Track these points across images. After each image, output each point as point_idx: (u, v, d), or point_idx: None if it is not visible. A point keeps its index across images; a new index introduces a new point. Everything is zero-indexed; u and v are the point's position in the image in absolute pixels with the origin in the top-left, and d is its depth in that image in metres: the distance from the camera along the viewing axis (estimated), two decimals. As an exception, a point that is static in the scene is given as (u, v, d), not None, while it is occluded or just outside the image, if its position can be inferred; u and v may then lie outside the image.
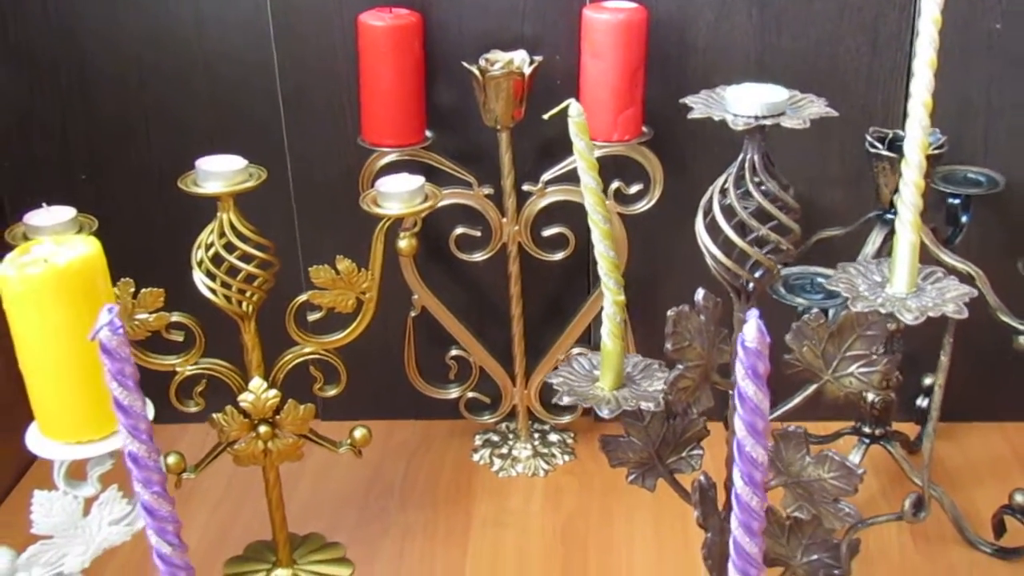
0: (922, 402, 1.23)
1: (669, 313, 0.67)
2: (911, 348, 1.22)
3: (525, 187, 1.13)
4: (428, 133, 1.12)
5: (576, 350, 1.08)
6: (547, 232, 1.15)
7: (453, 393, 1.23)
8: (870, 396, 1.08)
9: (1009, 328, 0.97)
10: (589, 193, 0.71)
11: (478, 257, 1.16)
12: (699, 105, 0.70)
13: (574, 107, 0.68)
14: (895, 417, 1.24)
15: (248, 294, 0.94)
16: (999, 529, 1.06)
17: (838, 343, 0.76)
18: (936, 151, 0.96)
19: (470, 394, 1.23)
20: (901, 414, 1.24)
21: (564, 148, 1.11)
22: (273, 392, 0.98)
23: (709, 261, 0.73)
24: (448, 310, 1.18)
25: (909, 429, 1.23)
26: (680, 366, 0.69)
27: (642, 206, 1.12)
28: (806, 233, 1.07)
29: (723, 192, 0.71)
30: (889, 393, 1.08)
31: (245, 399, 0.97)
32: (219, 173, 0.89)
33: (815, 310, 0.75)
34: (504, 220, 1.14)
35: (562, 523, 1.14)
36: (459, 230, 1.16)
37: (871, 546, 1.09)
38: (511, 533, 1.13)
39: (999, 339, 1.17)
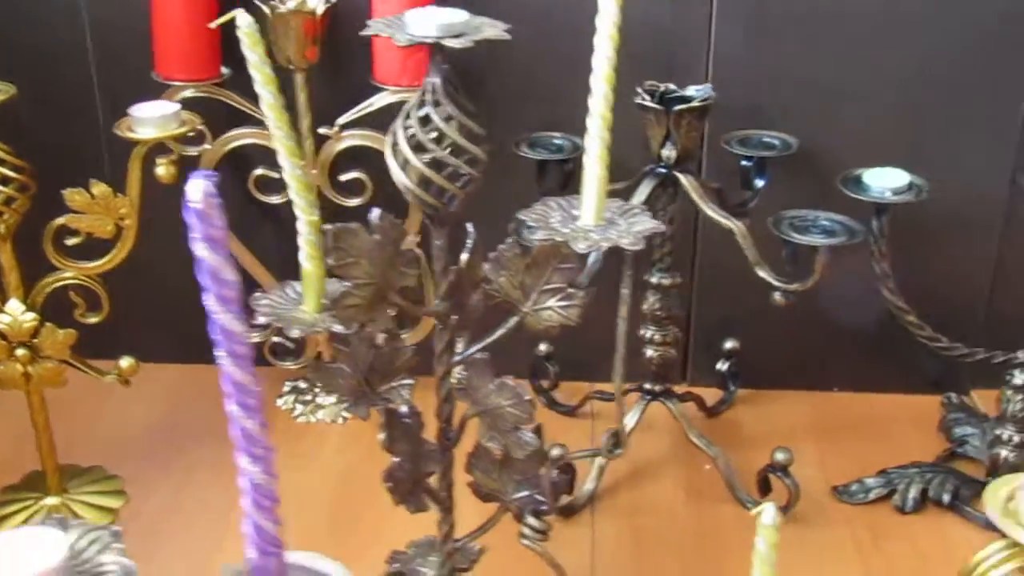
0: (722, 366, 1.24)
1: (327, 227, 0.67)
2: (715, 310, 1.24)
3: (321, 130, 1.13)
4: (224, 70, 1.11)
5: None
6: (345, 177, 1.15)
7: (254, 338, 1.23)
8: (648, 352, 1.09)
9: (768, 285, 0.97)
10: (269, 109, 0.71)
11: (276, 200, 1.16)
12: (379, 26, 0.70)
13: (242, 18, 0.68)
14: (703, 381, 1.26)
15: (3, 216, 0.93)
16: (763, 487, 1.07)
17: (536, 275, 0.76)
18: (702, 102, 0.96)
19: (274, 339, 1.23)
20: (708, 377, 1.26)
21: (366, 92, 1.12)
22: (31, 315, 0.98)
23: (400, 187, 0.73)
24: (251, 252, 1.18)
25: (708, 395, 1.25)
26: (347, 283, 0.69)
27: (437, 154, 1.12)
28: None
29: (406, 117, 0.71)
30: (668, 349, 1.09)
31: (2, 321, 0.97)
32: (-35, 88, 0.89)
33: (510, 240, 0.75)
34: (302, 163, 1.14)
35: (348, 466, 1.14)
36: (258, 171, 1.16)
37: (645, 498, 1.10)
38: (296, 475, 1.13)
39: (823, 311, 1.18)
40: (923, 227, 1.18)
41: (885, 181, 0.96)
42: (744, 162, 1.12)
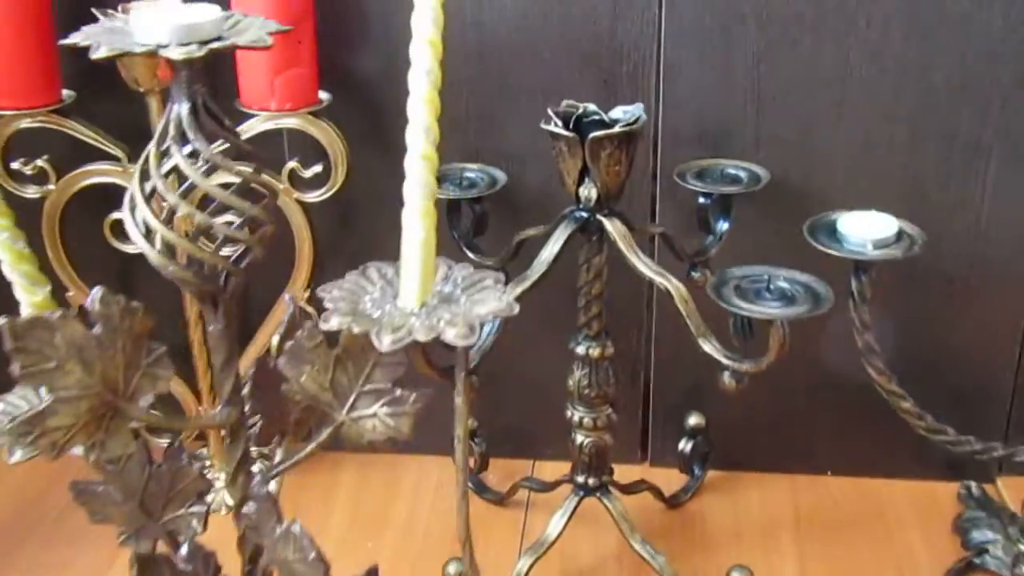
0: (685, 446, 1.01)
1: (1, 321, 0.47)
2: (678, 377, 1.02)
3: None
4: (67, 93, 0.92)
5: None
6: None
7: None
8: (578, 438, 0.87)
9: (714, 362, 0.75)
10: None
11: (132, 248, 0.95)
12: (93, 32, 0.50)
13: None
14: (666, 459, 1.04)
15: None
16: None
17: (351, 372, 0.55)
18: (626, 127, 0.75)
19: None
20: (672, 455, 1.04)
21: (235, 118, 0.92)
22: None
23: (153, 264, 0.53)
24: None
25: (672, 478, 1.03)
26: (48, 397, 0.48)
27: (322, 193, 0.92)
28: (504, 230, 0.86)
29: (144, 165, 0.51)
30: (602, 435, 0.87)
31: None
32: None
33: (309, 324, 0.54)
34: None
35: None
36: (115, 215, 0.96)
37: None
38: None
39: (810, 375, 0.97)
40: (926, 282, 0.96)
41: (867, 229, 0.73)
42: (702, 199, 0.90)
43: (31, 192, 0.93)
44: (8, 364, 0.49)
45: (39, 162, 0.93)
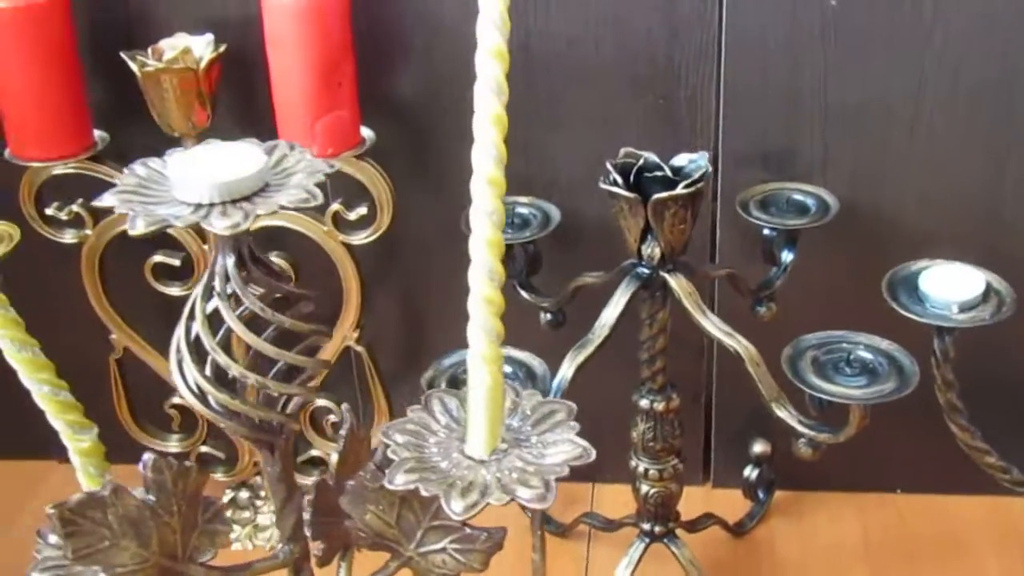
0: (751, 473, 0.98)
1: (50, 511, 0.44)
2: (740, 398, 0.99)
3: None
4: (99, 134, 0.89)
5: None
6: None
7: (174, 447, 1.01)
8: (643, 488, 0.84)
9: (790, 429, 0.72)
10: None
11: (177, 290, 0.93)
12: (131, 202, 0.46)
13: None
14: (730, 480, 1.01)
15: None
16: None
17: (419, 509, 0.53)
18: (691, 187, 0.70)
19: (202, 448, 1.02)
20: (732, 480, 1.01)
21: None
22: None
23: (202, 416, 0.50)
24: (156, 350, 0.96)
25: (735, 501, 1.00)
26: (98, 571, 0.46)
27: (368, 235, 0.88)
28: (569, 278, 0.82)
29: (189, 319, 0.47)
30: (668, 485, 0.84)
31: None
32: None
33: (371, 466, 0.51)
34: (206, 247, 0.91)
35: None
36: (156, 258, 0.93)
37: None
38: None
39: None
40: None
41: (951, 290, 0.69)
42: (766, 232, 0.85)
43: (68, 238, 0.91)
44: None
45: (75, 207, 0.90)
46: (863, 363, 0.67)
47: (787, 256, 0.86)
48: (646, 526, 0.86)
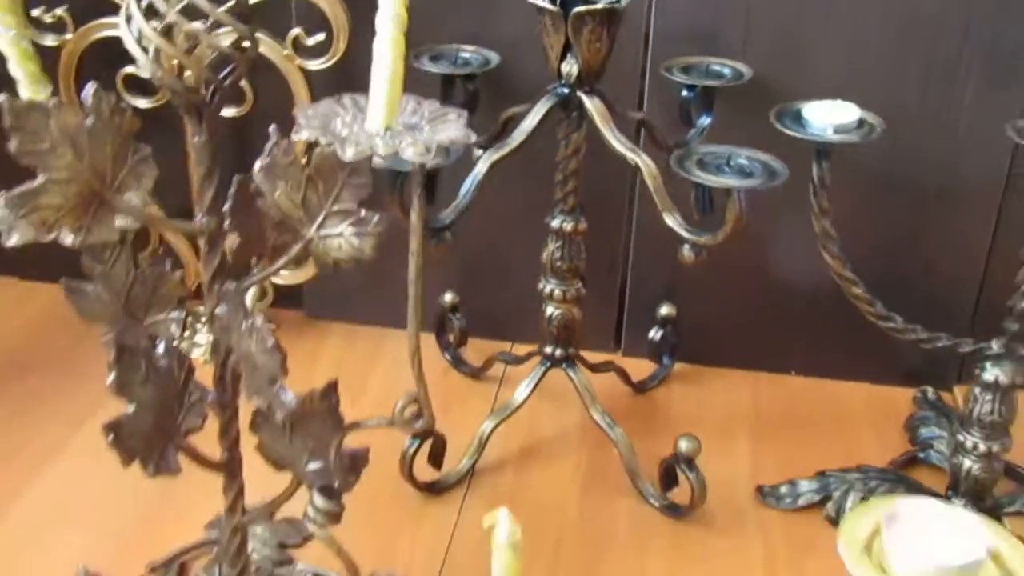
0: (655, 334, 1.06)
1: (2, 100, 0.51)
2: (655, 272, 1.06)
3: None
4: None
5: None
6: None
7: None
8: (548, 309, 0.92)
9: (676, 236, 0.79)
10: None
11: (145, 103, 1.00)
12: None
13: None
14: (639, 351, 1.09)
15: None
16: (665, 480, 0.89)
17: (323, 190, 0.60)
18: (609, 5, 0.78)
19: (150, 265, 1.08)
20: (641, 350, 1.09)
21: None
22: None
23: (152, 78, 0.57)
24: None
25: (642, 369, 1.07)
26: (41, 178, 0.53)
27: (323, 60, 0.96)
28: (496, 111, 0.90)
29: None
30: (571, 308, 0.91)
31: None
32: None
33: (284, 140, 0.59)
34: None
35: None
36: (129, 68, 1.00)
37: (532, 483, 0.93)
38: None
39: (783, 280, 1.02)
40: (903, 190, 0.99)
41: (829, 116, 0.77)
42: (685, 92, 0.94)
43: (50, 40, 0.98)
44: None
45: (59, 11, 0.97)
46: (741, 167, 0.75)
47: (704, 120, 0.94)
48: (548, 350, 0.94)
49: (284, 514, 0.72)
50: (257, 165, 0.60)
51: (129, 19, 0.56)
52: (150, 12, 0.56)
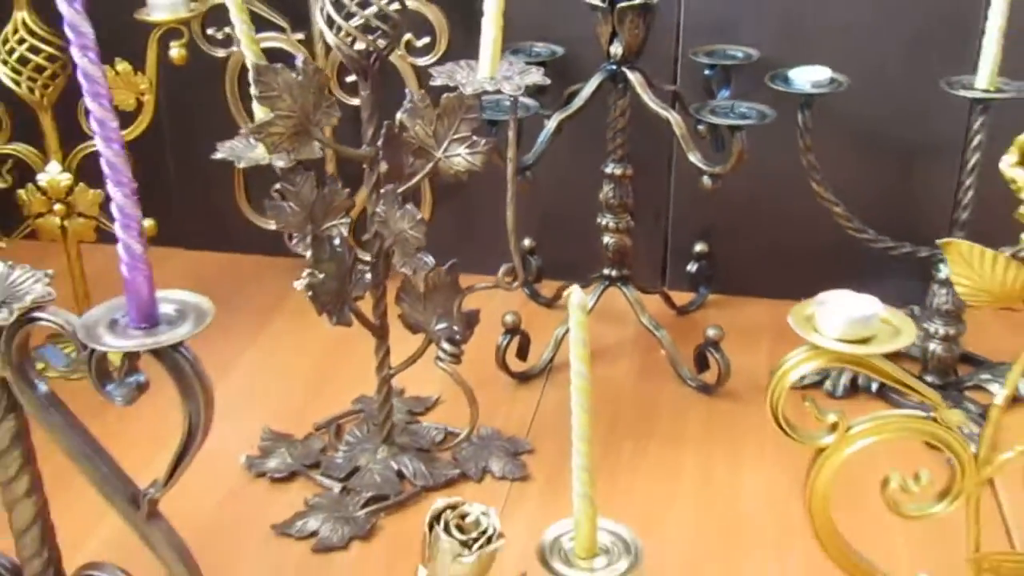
0: (691, 268, 1.33)
1: (254, 63, 0.81)
2: (693, 219, 1.33)
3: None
4: (248, -20, 1.27)
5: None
6: (350, 78, 1.29)
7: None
8: (605, 239, 1.20)
9: (696, 169, 1.07)
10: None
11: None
12: None
13: None
14: (681, 287, 1.36)
15: (42, 85, 1.11)
16: (700, 363, 1.16)
17: (447, 124, 0.89)
18: (644, 1, 1.07)
19: (292, 226, 1.38)
20: (686, 283, 1.36)
21: None
22: (67, 175, 1.16)
23: (331, 45, 0.87)
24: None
25: (684, 300, 1.34)
26: (271, 113, 0.83)
27: (429, 59, 1.26)
28: (563, 85, 1.19)
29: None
30: (623, 237, 1.19)
31: (42, 179, 1.15)
32: (13, -26, 1.07)
33: (421, 93, 0.88)
34: (298, 56, 1.29)
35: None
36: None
37: (597, 373, 1.20)
38: (297, 339, 1.29)
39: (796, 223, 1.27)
40: (885, 141, 1.26)
41: (808, 76, 1.04)
42: (707, 72, 1.21)
43: (221, 52, 1.29)
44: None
45: (227, 29, 1.28)
46: (742, 113, 1.03)
47: (724, 92, 1.21)
48: (606, 271, 1.21)
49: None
50: (402, 109, 0.89)
51: (322, 9, 0.86)
52: (337, 6, 0.86)
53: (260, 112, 0.89)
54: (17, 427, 0.71)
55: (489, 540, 0.73)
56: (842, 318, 0.71)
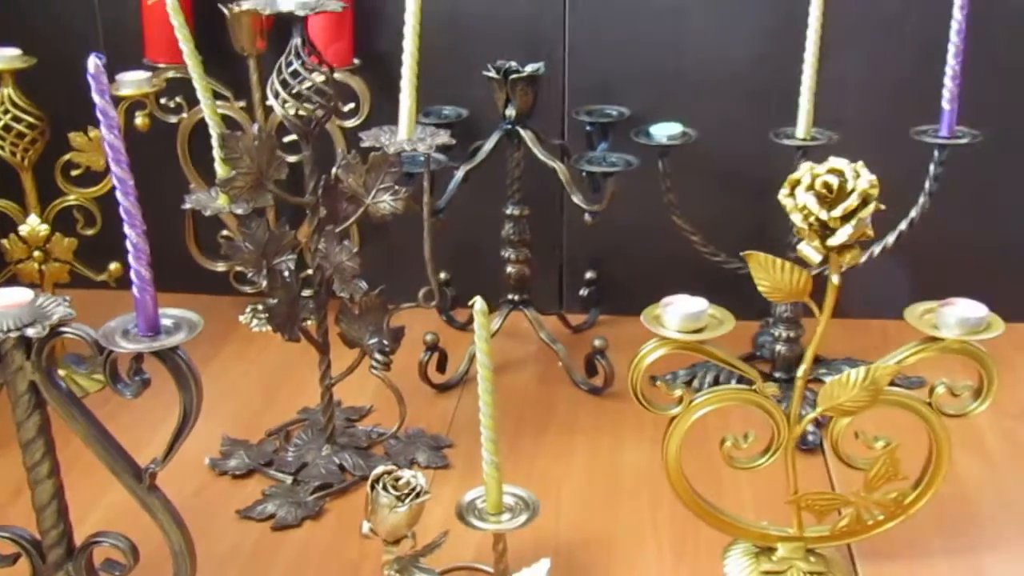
0: (583, 292, 1.57)
1: (219, 131, 1.03)
2: (584, 250, 1.57)
3: (268, 101, 1.49)
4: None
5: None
6: (287, 139, 1.50)
7: (221, 268, 1.58)
8: (508, 269, 1.43)
9: (580, 209, 1.31)
10: (187, 56, 1.07)
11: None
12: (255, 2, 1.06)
13: (169, 0, 1.04)
14: (577, 309, 1.59)
15: (23, 149, 1.31)
16: (589, 369, 1.40)
17: (374, 176, 1.11)
18: (531, 73, 1.31)
19: (237, 268, 1.58)
20: (577, 307, 1.59)
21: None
22: (45, 227, 1.35)
23: (280, 115, 1.09)
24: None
25: (579, 321, 1.58)
26: (233, 172, 1.05)
27: (354, 121, 1.48)
28: (469, 141, 1.42)
29: (279, 69, 1.07)
30: (523, 267, 1.42)
31: (23, 230, 1.34)
32: (0, 57, 1.27)
33: (352, 152, 1.10)
34: (254, 124, 1.50)
35: (283, 361, 1.49)
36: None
37: (504, 382, 1.43)
38: (244, 365, 1.49)
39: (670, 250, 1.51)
40: (737, 180, 1.51)
41: (664, 131, 1.29)
42: (588, 127, 1.46)
43: (173, 118, 1.50)
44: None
45: (178, 99, 1.49)
46: (612, 162, 1.27)
47: (603, 144, 1.46)
48: (510, 296, 1.44)
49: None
50: (337, 164, 1.11)
51: (271, 87, 1.08)
52: (283, 83, 1.07)
53: (222, 170, 1.10)
54: (42, 421, 0.91)
55: (417, 495, 0.95)
56: (679, 314, 0.95)
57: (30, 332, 0.83)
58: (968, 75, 1.24)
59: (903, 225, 1.32)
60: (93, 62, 0.78)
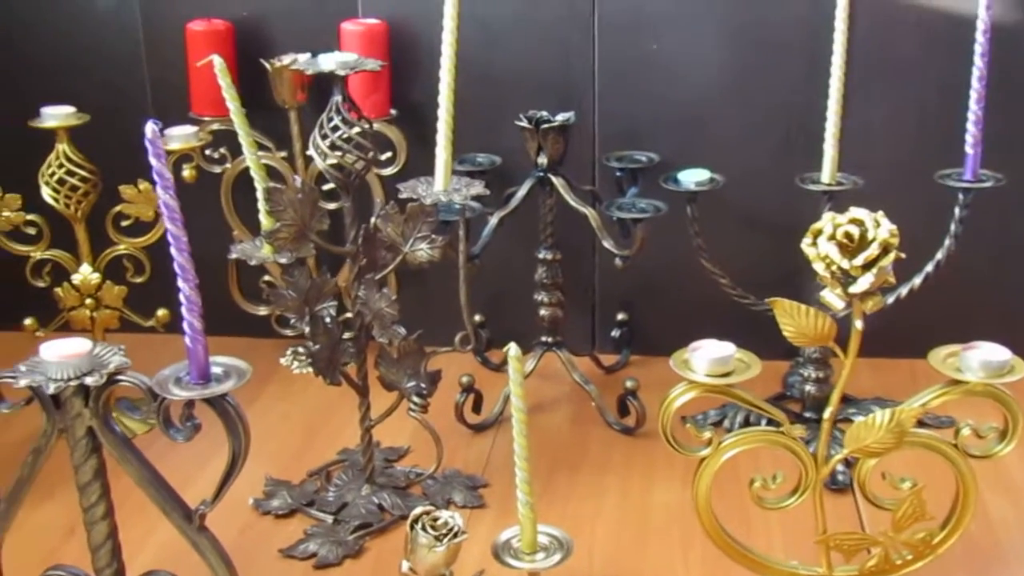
0: (615, 333, 1.60)
1: (264, 186, 1.08)
2: (617, 292, 1.61)
3: (308, 152, 1.54)
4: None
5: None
6: (326, 187, 1.56)
7: (263, 312, 1.63)
8: (541, 312, 1.46)
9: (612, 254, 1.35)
10: (234, 114, 1.12)
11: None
12: (301, 62, 1.11)
13: (216, 61, 1.10)
14: (609, 350, 1.63)
15: (76, 201, 1.37)
16: (621, 409, 1.43)
17: (412, 226, 1.15)
18: (562, 123, 1.35)
19: (278, 312, 1.63)
20: (609, 348, 1.62)
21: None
22: (96, 275, 1.40)
23: (322, 168, 1.13)
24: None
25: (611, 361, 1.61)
26: (278, 224, 1.09)
27: (391, 169, 1.53)
28: (502, 188, 1.46)
29: (321, 125, 1.12)
30: (556, 310, 1.46)
31: (76, 279, 1.40)
32: (56, 115, 1.33)
33: (391, 203, 1.15)
34: (296, 177, 1.56)
35: (324, 401, 1.53)
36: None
37: (538, 422, 1.46)
38: (285, 405, 1.53)
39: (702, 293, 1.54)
40: (762, 223, 1.55)
41: (692, 177, 1.33)
42: (618, 173, 1.50)
43: (217, 169, 1.55)
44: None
45: (222, 150, 1.55)
46: (642, 209, 1.31)
47: (632, 190, 1.50)
48: (543, 338, 1.48)
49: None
50: (376, 214, 1.16)
51: (317, 147, 1.13)
52: (324, 138, 1.12)
53: (267, 222, 1.15)
54: (98, 464, 0.95)
55: (455, 535, 0.98)
56: (707, 359, 0.98)
57: (88, 380, 0.88)
58: (990, 116, 1.27)
59: (929, 267, 1.35)
60: (151, 128, 0.83)
